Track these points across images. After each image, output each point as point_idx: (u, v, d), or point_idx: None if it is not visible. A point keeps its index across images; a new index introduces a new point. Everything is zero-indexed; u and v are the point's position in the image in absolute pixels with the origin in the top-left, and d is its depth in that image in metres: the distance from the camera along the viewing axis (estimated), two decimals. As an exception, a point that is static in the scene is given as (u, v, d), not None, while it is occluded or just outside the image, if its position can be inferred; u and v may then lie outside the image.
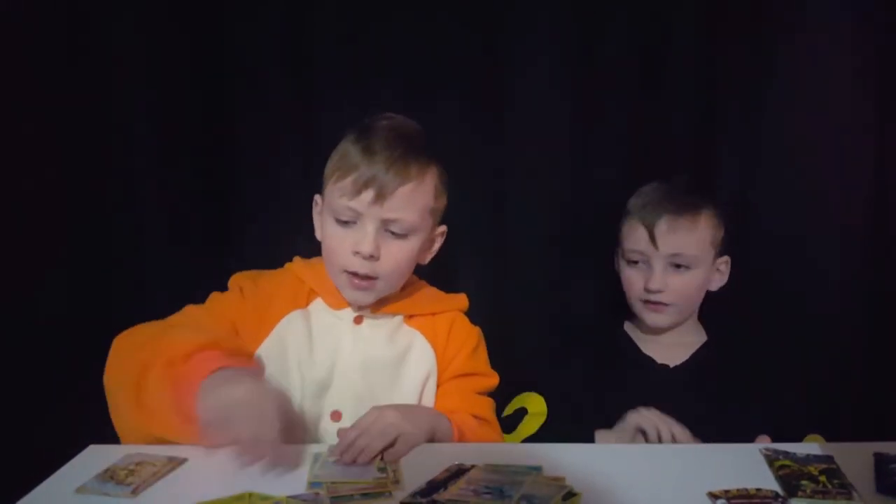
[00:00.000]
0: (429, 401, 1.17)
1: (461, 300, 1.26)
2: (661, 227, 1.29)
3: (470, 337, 1.23)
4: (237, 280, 1.19)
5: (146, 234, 1.44)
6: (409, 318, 1.20)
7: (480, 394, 1.21)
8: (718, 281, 1.36)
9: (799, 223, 1.47)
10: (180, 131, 1.43)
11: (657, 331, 1.35)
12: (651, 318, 1.33)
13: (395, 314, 1.19)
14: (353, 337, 1.15)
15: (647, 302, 1.33)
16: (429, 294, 1.25)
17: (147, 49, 1.39)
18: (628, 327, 1.41)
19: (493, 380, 1.23)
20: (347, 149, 1.11)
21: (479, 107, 1.46)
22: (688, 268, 1.30)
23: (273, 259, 1.27)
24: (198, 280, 1.37)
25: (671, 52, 1.46)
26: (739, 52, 1.46)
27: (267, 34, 1.44)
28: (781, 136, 1.46)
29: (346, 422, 1.12)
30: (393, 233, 1.10)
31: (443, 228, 1.20)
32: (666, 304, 1.31)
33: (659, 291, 1.30)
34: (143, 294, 1.43)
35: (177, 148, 1.43)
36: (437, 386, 1.19)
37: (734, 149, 1.48)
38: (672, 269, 1.30)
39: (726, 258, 1.36)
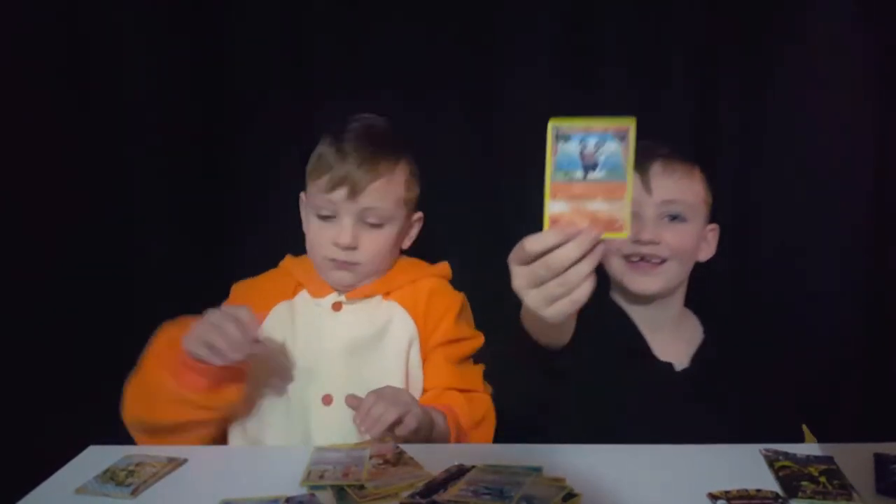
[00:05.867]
0: (414, 367, 1.21)
1: (442, 267, 1.29)
2: (656, 169, 1.12)
3: (453, 302, 1.25)
4: (233, 291, 1.27)
5: (146, 234, 1.44)
6: (386, 294, 1.24)
7: (467, 358, 1.25)
8: (706, 252, 1.20)
9: (800, 224, 1.47)
10: (181, 132, 1.43)
11: (645, 303, 1.16)
12: (638, 281, 1.14)
13: (371, 296, 1.23)
14: (334, 323, 1.21)
15: (634, 262, 1.13)
16: (404, 265, 1.28)
17: (148, 51, 1.40)
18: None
19: (478, 340, 1.26)
20: (323, 151, 1.20)
21: (470, 103, 1.46)
22: (684, 220, 1.13)
23: (271, 254, 1.29)
24: (199, 281, 1.38)
25: (670, 54, 1.46)
26: (739, 54, 1.45)
27: (267, 36, 1.44)
28: (781, 137, 1.46)
29: (337, 405, 1.14)
30: (369, 223, 1.19)
31: (419, 215, 1.27)
32: (659, 262, 1.12)
33: (652, 243, 1.11)
34: (144, 294, 1.43)
35: (178, 149, 1.44)
36: (424, 354, 1.22)
37: (734, 152, 1.48)
38: (666, 220, 1.12)
39: (715, 226, 1.20)
